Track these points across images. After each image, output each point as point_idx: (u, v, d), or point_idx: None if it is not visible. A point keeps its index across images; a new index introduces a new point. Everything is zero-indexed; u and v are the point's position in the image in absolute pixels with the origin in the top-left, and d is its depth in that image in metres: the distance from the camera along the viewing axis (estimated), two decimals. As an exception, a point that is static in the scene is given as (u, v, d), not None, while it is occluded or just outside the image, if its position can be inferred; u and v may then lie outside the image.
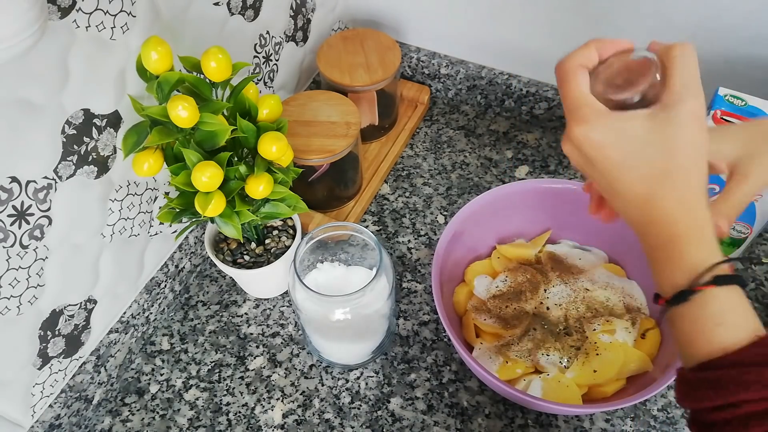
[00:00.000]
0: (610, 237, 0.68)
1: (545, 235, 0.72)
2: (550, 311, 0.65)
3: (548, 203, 0.69)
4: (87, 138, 0.53)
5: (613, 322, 0.63)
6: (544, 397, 0.59)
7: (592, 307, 0.65)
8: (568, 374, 0.61)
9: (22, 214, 0.49)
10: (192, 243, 0.72)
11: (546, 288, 0.67)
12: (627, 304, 0.66)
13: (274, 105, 0.58)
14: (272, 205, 0.60)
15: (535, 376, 0.61)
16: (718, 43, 0.69)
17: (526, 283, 0.67)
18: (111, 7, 0.51)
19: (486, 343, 0.64)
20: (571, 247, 0.71)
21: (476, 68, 0.87)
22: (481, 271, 0.70)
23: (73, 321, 0.59)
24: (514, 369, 0.62)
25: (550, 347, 0.62)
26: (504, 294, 0.67)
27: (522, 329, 0.64)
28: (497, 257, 0.71)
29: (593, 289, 0.66)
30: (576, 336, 0.63)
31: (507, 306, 0.66)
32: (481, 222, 0.68)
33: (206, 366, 0.68)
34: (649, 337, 0.63)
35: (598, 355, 0.61)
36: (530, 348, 0.62)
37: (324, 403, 0.65)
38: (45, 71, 0.47)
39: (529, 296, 0.66)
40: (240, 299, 0.73)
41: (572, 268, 0.69)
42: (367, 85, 0.77)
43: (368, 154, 0.83)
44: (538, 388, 0.60)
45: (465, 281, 0.70)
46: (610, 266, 0.70)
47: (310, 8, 0.82)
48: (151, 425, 0.64)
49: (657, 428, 0.61)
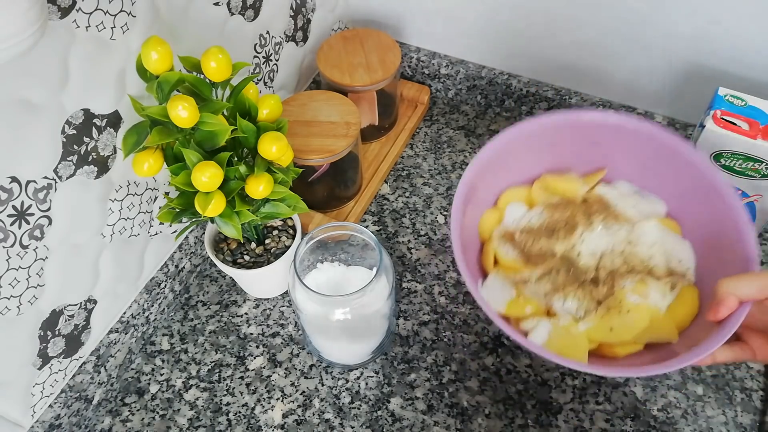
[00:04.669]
0: (674, 189, 0.61)
1: (599, 173, 0.64)
2: (580, 257, 0.59)
3: (610, 138, 0.62)
4: (87, 138, 0.53)
5: (647, 282, 0.57)
6: (548, 344, 0.54)
7: (630, 262, 0.58)
8: (582, 326, 0.56)
9: (22, 214, 0.49)
10: (192, 243, 0.72)
11: (584, 232, 0.60)
12: (672, 266, 0.59)
13: (274, 105, 0.58)
14: (272, 205, 0.60)
15: (545, 320, 0.56)
16: (719, 44, 0.69)
17: (563, 222, 0.60)
18: (111, 7, 0.51)
19: (502, 273, 0.59)
20: (627, 192, 0.63)
21: (476, 68, 0.87)
22: (517, 198, 0.64)
23: (73, 321, 0.59)
24: (523, 306, 0.57)
25: (570, 294, 0.56)
26: (535, 229, 0.60)
27: (544, 269, 0.58)
28: (540, 187, 0.64)
29: (638, 242, 0.59)
30: (602, 289, 0.57)
31: (534, 242, 0.60)
32: (533, 147, 0.61)
33: (206, 366, 0.68)
34: (684, 305, 0.56)
35: (620, 314, 0.55)
36: (548, 290, 0.57)
37: (324, 403, 0.65)
38: (45, 71, 0.47)
39: (562, 236, 0.59)
40: (240, 299, 0.73)
41: (620, 216, 0.61)
42: (367, 85, 0.77)
43: (368, 154, 0.83)
44: (544, 333, 0.55)
45: (497, 206, 0.64)
46: (666, 221, 0.62)
47: (310, 8, 0.82)
48: (151, 425, 0.64)
49: (657, 428, 0.61)
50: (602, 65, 0.78)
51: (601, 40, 0.75)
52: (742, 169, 0.61)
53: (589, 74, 0.80)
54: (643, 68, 0.76)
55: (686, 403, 0.63)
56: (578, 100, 0.82)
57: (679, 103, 0.77)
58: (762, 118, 0.60)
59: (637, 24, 0.72)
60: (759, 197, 0.63)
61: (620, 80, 0.78)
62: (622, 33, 0.74)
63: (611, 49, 0.76)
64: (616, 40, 0.75)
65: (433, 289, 0.72)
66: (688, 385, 0.64)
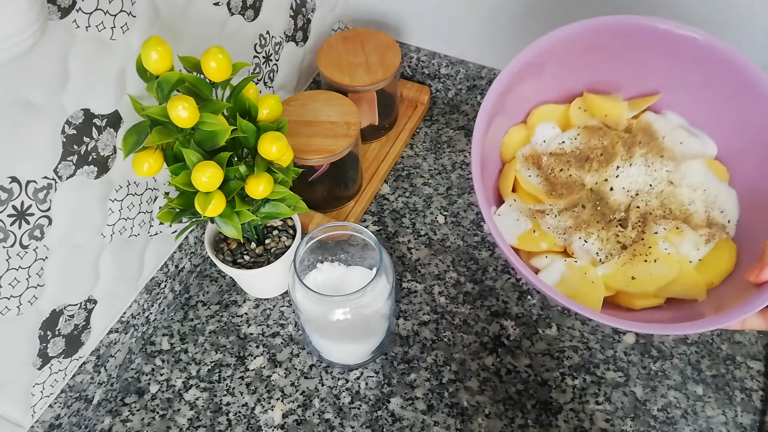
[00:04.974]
0: (732, 128, 0.54)
1: (650, 98, 0.57)
2: (612, 193, 0.53)
3: (669, 57, 0.54)
4: (87, 138, 0.53)
5: (683, 231, 0.51)
6: (561, 285, 0.49)
7: (667, 205, 0.53)
8: (600, 269, 0.50)
9: (22, 214, 0.49)
10: (192, 243, 0.72)
11: (621, 165, 0.54)
12: (712, 216, 0.53)
13: (274, 105, 0.58)
14: (272, 205, 0.60)
15: (561, 258, 0.51)
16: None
17: (600, 150, 0.54)
18: (111, 7, 0.51)
19: (519, 202, 0.54)
20: (676, 125, 0.57)
21: (476, 68, 0.87)
22: (551, 117, 0.57)
23: (73, 321, 0.59)
24: (538, 241, 0.52)
25: (593, 233, 0.51)
26: (567, 154, 0.54)
27: (568, 201, 0.52)
28: (578, 107, 0.57)
29: (679, 184, 0.54)
30: (631, 232, 0.51)
31: (563, 170, 0.54)
32: (575, 58, 0.54)
33: (206, 366, 0.68)
34: (719, 261, 0.51)
35: (647, 263, 0.50)
36: (568, 226, 0.52)
37: (324, 403, 0.65)
38: (45, 71, 0.47)
39: (595, 167, 0.53)
40: (240, 299, 0.73)
41: (665, 151, 0.55)
42: (367, 85, 0.77)
43: (368, 154, 0.84)
44: (557, 273, 0.50)
45: (526, 123, 0.57)
46: (714, 164, 0.55)
47: (310, 8, 0.82)
48: (151, 425, 0.64)
49: (657, 428, 0.61)
50: (602, 65, 0.78)
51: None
52: None
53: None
54: (643, 68, 0.76)
55: (686, 403, 0.63)
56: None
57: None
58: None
59: (637, 24, 0.72)
60: None
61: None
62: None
63: (611, 49, 0.76)
64: (616, 40, 0.75)
65: (433, 289, 0.72)
66: (688, 385, 0.64)
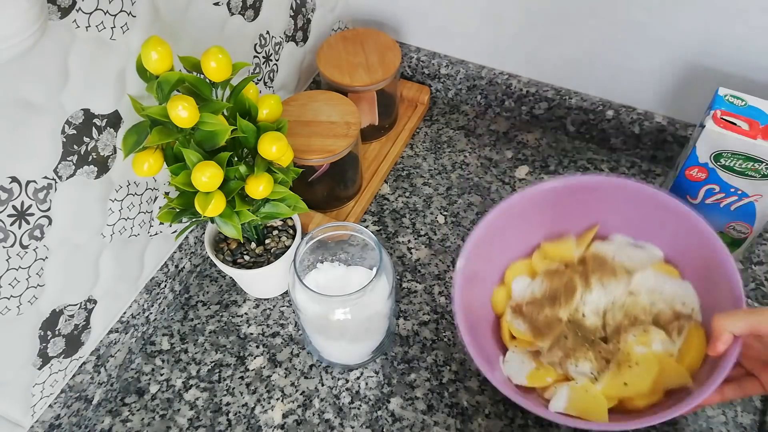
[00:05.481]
0: (668, 234, 0.63)
1: (591, 231, 0.66)
2: (585, 318, 0.61)
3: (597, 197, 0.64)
4: (87, 138, 0.53)
5: (650, 332, 0.58)
6: (570, 406, 0.56)
7: (631, 314, 0.60)
8: (598, 385, 0.57)
9: (22, 214, 0.49)
10: (192, 243, 0.72)
11: (583, 294, 0.62)
12: (676, 310, 0.60)
13: (274, 105, 0.58)
14: (272, 205, 0.60)
15: (564, 384, 0.58)
16: (719, 45, 0.69)
17: (562, 288, 0.62)
18: (111, 7, 0.51)
19: (520, 347, 0.61)
20: (622, 244, 0.65)
21: (476, 68, 0.87)
22: (521, 271, 0.65)
23: (73, 321, 0.59)
24: (544, 376, 0.59)
25: (580, 357, 0.58)
26: (538, 299, 0.62)
27: (552, 338, 0.60)
28: (539, 256, 0.66)
29: (638, 292, 0.61)
30: (610, 346, 0.59)
31: (540, 313, 0.61)
32: (528, 216, 0.63)
33: (206, 366, 0.68)
34: (692, 347, 0.57)
35: (630, 368, 0.57)
36: (560, 356, 0.59)
37: (324, 403, 0.65)
38: (45, 71, 0.47)
39: (563, 302, 0.61)
40: (240, 299, 0.73)
41: (617, 270, 0.63)
42: (367, 85, 0.77)
43: (368, 154, 0.83)
44: (564, 397, 0.56)
45: (504, 283, 0.66)
46: (661, 266, 0.63)
47: (310, 8, 0.82)
48: (151, 425, 0.64)
49: (657, 428, 0.61)
50: (602, 65, 0.78)
51: (602, 40, 0.75)
52: (742, 169, 0.61)
53: (589, 74, 0.80)
54: (644, 68, 0.76)
55: (686, 403, 0.63)
56: (578, 100, 0.82)
57: (680, 103, 0.77)
58: (762, 118, 0.60)
59: (638, 24, 0.72)
60: (759, 197, 0.63)
61: (620, 80, 0.78)
62: (623, 33, 0.74)
63: (611, 49, 0.76)
64: (616, 40, 0.75)
65: (433, 289, 0.72)
66: (688, 385, 0.64)
